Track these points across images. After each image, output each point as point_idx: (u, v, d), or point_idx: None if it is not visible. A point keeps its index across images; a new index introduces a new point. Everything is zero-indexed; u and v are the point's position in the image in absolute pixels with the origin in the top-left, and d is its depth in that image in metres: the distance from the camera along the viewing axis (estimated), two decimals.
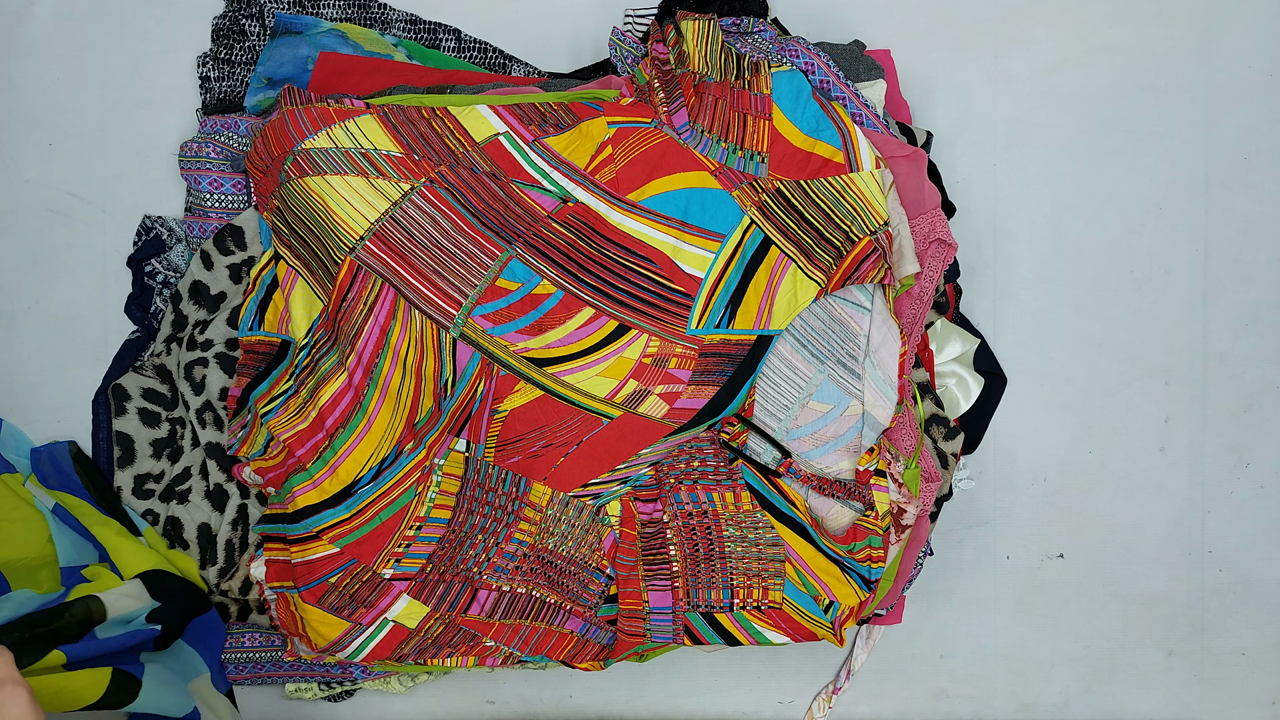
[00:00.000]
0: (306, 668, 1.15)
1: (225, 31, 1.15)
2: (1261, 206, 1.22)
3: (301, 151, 1.03)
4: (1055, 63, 1.21)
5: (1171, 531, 1.23)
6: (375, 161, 1.04)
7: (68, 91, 1.17)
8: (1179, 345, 1.22)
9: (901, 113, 1.16)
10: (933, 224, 1.08)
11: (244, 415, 1.09)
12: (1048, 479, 1.22)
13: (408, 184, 1.04)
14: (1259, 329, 1.22)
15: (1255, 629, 1.24)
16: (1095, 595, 1.23)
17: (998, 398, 1.19)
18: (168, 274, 1.15)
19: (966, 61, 1.20)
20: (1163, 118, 1.21)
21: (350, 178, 1.03)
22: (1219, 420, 1.23)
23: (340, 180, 1.03)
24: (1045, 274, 1.21)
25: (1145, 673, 1.23)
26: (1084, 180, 1.21)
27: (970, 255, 1.20)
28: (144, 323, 1.15)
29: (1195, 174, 1.22)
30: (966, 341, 1.16)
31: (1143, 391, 1.22)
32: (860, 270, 1.04)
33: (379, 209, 1.04)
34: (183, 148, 1.13)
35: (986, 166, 1.20)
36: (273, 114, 1.06)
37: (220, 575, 1.11)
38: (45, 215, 1.17)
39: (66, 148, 1.17)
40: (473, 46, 1.17)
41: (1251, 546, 1.23)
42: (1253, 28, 1.22)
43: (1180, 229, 1.22)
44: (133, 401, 1.13)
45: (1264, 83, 1.22)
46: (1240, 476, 1.23)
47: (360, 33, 1.14)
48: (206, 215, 1.13)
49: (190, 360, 1.11)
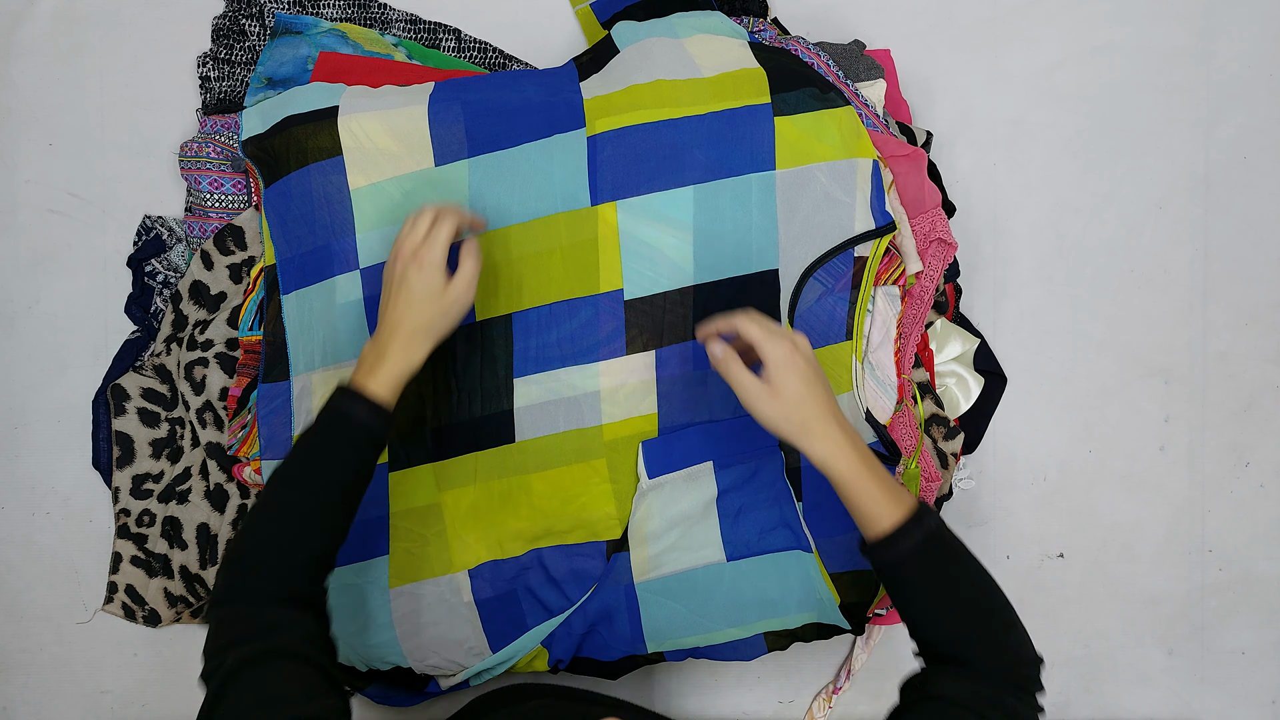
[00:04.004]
0: None
1: (225, 31, 1.15)
2: (1261, 206, 1.22)
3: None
4: (1055, 62, 1.21)
5: (1171, 531, 1.23)
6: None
7: (68, 91, 1.17)
8: (1179, 345, 1.22)
9: (901, 112, 1.16)
10: (933, 223, 1.08)
11: (244, 415, 1.09)
12: (1048, 479, 1.22)
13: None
14: (1259, 329, 1.22)
15: (1255, 628, 1.24)
16: (1095, 595, 1.23)
17: (998, 398, 1.19)
18: (168, 274, 1.15)
19: (966, 61, 1.20)
20: (1162, 117, 1.21)
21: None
22: (1219, 420, 1.23)
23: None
24: (1045, 274, 1.21)
25: (1145, 672, 1.23)
26: (1084, 180, 1.21)
27: (970, 255, 1.20)
28: (144, 323, 1.15)
29: (1195, 174, 1.22)
30: (966, 341, 1.16)
31: (1142, 391, 1.22)
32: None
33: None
34: (183, 148, 1.13)
35: (986, 166, 1.20)
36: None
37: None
38: (45, 215, 1.17)
39: (66, 148, 1.17)
40: (473, 46, 1.17)
41: (1251, 546, 1.24)
42: (1253, 28, 1.22)
43: (1180, 228, 1.22)
44: (132, 401, 1.13)
45: (1264, 83, 1.22)
46: (1240, 476, 1.23)
47: (360, 33, 1.14)
48: (206, 215, 1.13)
49: (190, 360, 1.11)
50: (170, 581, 1.13)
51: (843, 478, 0.86)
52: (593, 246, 1.02)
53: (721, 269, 1.02)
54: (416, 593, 1.04)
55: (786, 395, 0.87)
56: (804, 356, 0.88)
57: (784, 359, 0.87)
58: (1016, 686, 0.81)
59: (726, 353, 0.89)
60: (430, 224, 0.91)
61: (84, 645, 1.18)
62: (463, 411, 1.03)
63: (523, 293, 1.03)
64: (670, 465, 1.02)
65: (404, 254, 0.91)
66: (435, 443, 1.04)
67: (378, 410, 0.88)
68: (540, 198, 1.02)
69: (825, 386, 0.88)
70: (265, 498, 0.87)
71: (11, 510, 1.18)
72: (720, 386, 1.02)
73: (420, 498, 1.04)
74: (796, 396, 0.87)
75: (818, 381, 0.88)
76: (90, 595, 1.17)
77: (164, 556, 1.12)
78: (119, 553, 1.13)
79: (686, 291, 1.02)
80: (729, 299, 1.01)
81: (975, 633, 0.83)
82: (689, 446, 1.02)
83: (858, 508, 0.86)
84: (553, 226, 1.02)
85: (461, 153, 1.03)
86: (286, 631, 0.80)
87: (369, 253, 1.03)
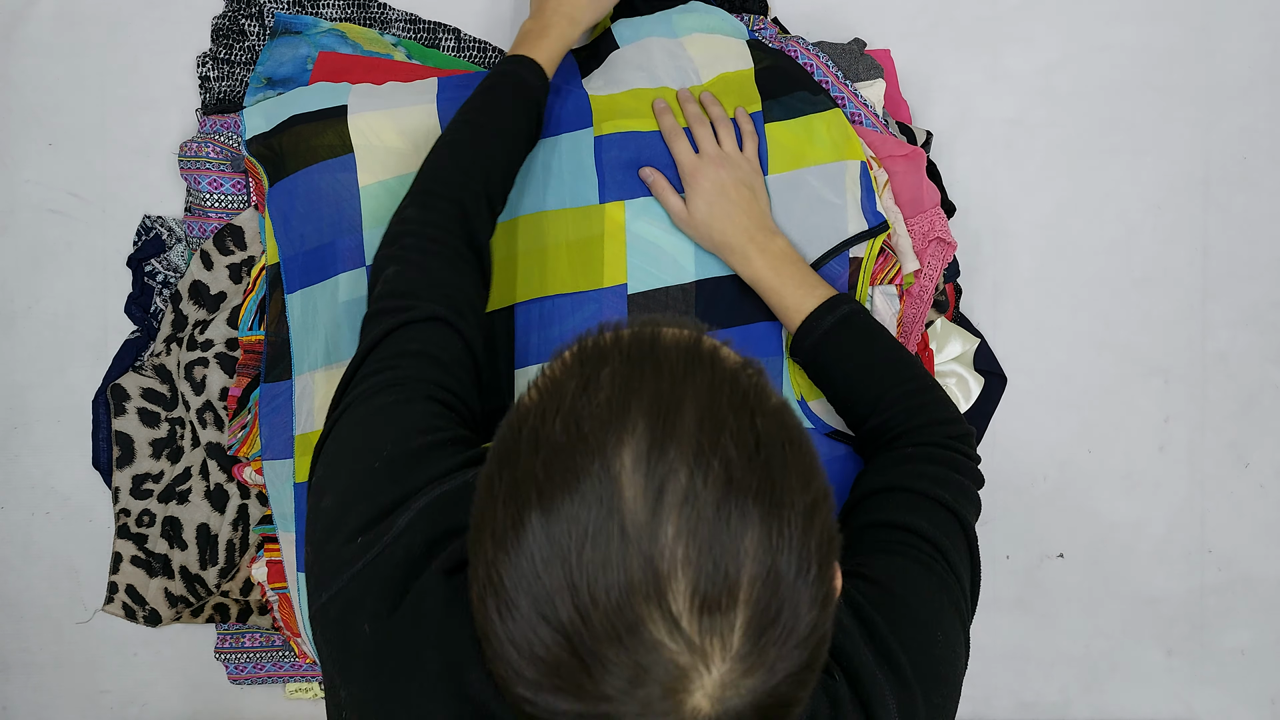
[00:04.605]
0: (308, 668, 1.15)
1: (225, 31, 1.15)
2: (1261, 206, 1.22)
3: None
4: (1055, 62, 1.20)
5: (1171, 531, 1.23)
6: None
7: (68, 91, 1.17)
8: (1179, 344, 1.22)
9: (901, 112, 1.16)
10: (932, 222, 1.08)
11: (244, 415, 1.09)
12: (1048, 479, 1.22)
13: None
14: (1258, 328, 1.22)
15: (1255, 628, 1.24)
16: (1095, 595, 1.23)
17: (998, 397, 1.19)
18: (168, 274, 1.15)
19: (966, 61, 1.20)
20: (1162, 117, 1.21)
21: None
22: (1219, 420, 1.23)
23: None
24: (1045, 273, 1.21)
25: (1145, 672, 1.23)
26: (1084, 180, 1.21)
27: (970, 255, 1.19)
28: (144, 323, 1.15)
29: (1194, 173, 1.22)
30: (966, 341, 1.16)
31: (1142, 391, 1.22)
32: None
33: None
34: (183, 148, 1.13)
35: (986, 166, 1.20)
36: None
37: (221, 576, 1.11)
38: (45, 215, 1.17)
39: (66, 148, 1.17)
40: (472, 46, 1.17)
41: (1251, 546, 1.23)
42: (1253, 28, 1.21)
43: (1179, 228, 1.22)
44: (132, 401, 1.13)
45: (1264, 83, 1.22)
46: (1240, 476, 1.23)
47: (360, 32, 1.14)
48: (206, 215, 1.13)
49: (190, 360, 1.11)
50: (170, 581, 1.13)
51: (759, 283, 0.94)
52: (599, 243, 1.02)
53: (724, 266, 1.02)
54: None
55: (696, 216, 0.95)
56: (711, 180, 0.95)
57: (690, 180, 0.96)
58: (942, 447, 0.83)
59: (655, 176, 0.98)
60: None
61: (84, 645, 1.18)
62: None
63: (527, 285, 1.03)
64: None
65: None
66: None
67: (544, 77, 0.95)
68: (548, 193, 1.03)
69: (739, 201, 0.95)
70: (446, 136, 0.94)
71: (11, 510, 1.18)
72: None
73: None
74: (704, 217, 0.95)
75: (726, 200, 0.95)
76: (90, 595, 1.17)
77: (164, 556, 1.12)
78: (119, 553, 1.13)
79: (689, 287, 1.02)
80: (732, 296, 1.01)
81: (894, 393, 0.87)
82: None
83: (779, 308, 0.94)
84: (560, 221, 1.02)
85: None
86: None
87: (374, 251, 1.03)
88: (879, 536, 0.76)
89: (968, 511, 0.79)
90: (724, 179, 0.96)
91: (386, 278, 0.84)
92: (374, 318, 0.81)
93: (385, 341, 0.78)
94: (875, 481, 0.81)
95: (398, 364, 0.76)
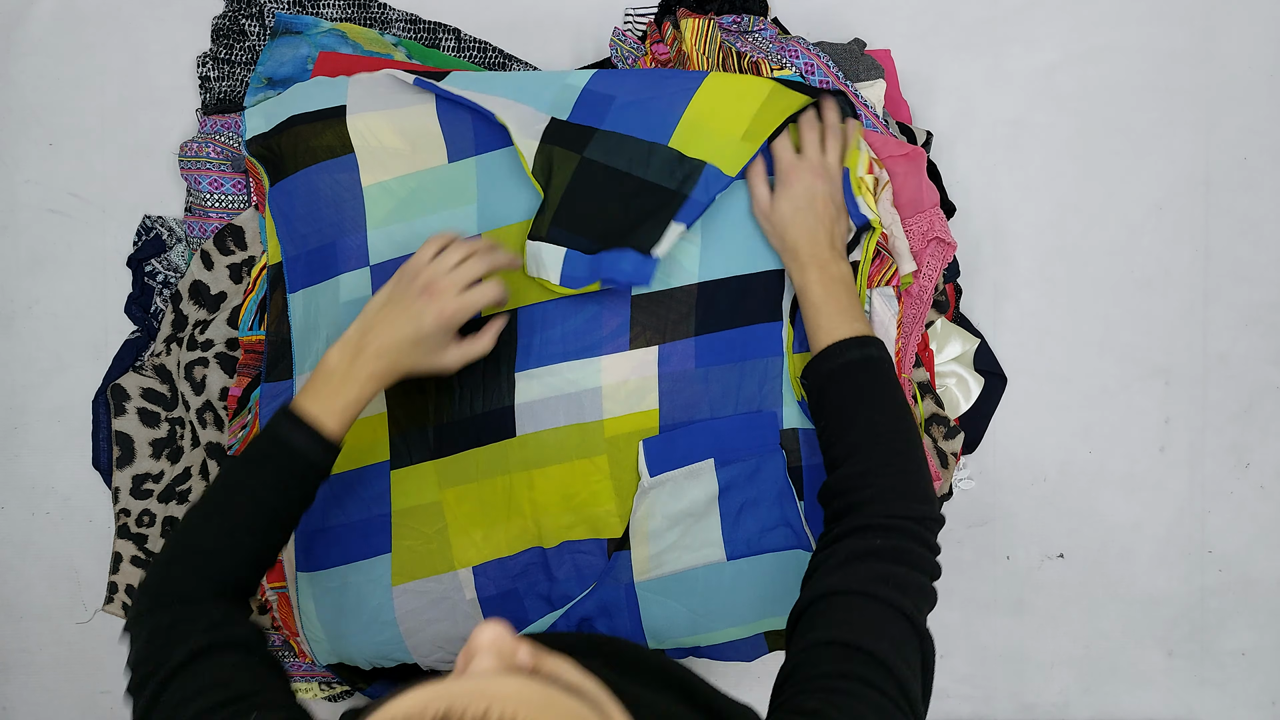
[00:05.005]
0: (307, 668, 1.15)
1: (225, 31, 1.15)
2: (1261, 206, 1.22)
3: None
4: (1055, 63, 1.20)
5: (1171, 532, 1.23)
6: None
7: (68, 91, 1.17)
8: (1179, 345, 1.22)
9: (901, 112, 1.16)
10: (931, 222, 1.08)
11: (244, 415, 1.09)
12: (1048, 479, 1.22)
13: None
14: (1259, 329, 1.22)
15: (1255, 629, 1.24)
16: (1095, 595, 1.23)
17: (998, 398, 1.19)
18: (168, 274, 1.15)
19: (966, 61, 1.20)
20: (1163, 118, 1.21)
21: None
22: (1219, 420, 1.23)
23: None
24: (1045, 274, 1.21)
25: (1145, 673, 1.23)
26: (1084, 180, 1.21)
27: (970, 255, 1.19)
28: (144, 323, 1.15)
29: (1195, 174, 1.22)
30: (966, 341, 1.16)
31: (1143, 391, 1.22)
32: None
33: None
34: (183, 148, 1.13)
35: (986, 166, 1.20)
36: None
37: None
38: (45, 215, 1.17)
39: (66, 148, 1.17)
40: (473, 46, 1.17)
41: (1251, 546, 1.23)
42: (1253, 28, 1.21)
43: (1180, 229, 1.22)
44: (132, 401, 1.13)
45: (1264, 83, 1.22)
46: (1240, 477, 1.23)
47: (360, 32, 1.14)
48: (206, 215, 1.13)
49: (190, 360, 1.11)
50: None
51: (805, 293, 0.92)
52: None
53: (727, 268, 1.02)
54: (420, 590, 1.04)
55: (778, 213, 0.94)
56: (804, 185, 0.93)
57: (784, 178, 0.94)
58: (906, 533, 0.77)
59: (757, 162, 0.96)
60: (462, 257, 0.88)
61: (84, 645, 1.18)
62: (464, 408, 1.03)
63: (528, 289, 1.03)
64: (672, 462, 1.02)
65: (423, 276, 0.87)
66: (437, 440, 1.04)
67: (329, 447, 0.84)
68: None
69: (824, 216, 0.93)
70: (192, 519, 0.82)
71: (11, 510, 1.18)
72: (721, 383, 1.02)
73: (422, 496, 1.04)
74: (786, 217, 0.94)
75: (812, 211, 0.93)
76: (90, 595, 1.17)
77: None
78: (119, 553, 1.13)
79: (690, 289, 1.02)
80: (733, 298, 1.01)
81: (881, 451, 0.83)
82: (690, 443, 1.02)
83: (811, 324, 0.92)
84: None
85: (469, 150, 1.03)
86: (236, 625, 0.76)
87: (379, 250, 1.03)
88: (838, 661, 0.69)
89: (924, 615, 0.74)
90: (818, 189, 0.94)
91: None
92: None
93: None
94: (834, 582, 0.75)
95: None
